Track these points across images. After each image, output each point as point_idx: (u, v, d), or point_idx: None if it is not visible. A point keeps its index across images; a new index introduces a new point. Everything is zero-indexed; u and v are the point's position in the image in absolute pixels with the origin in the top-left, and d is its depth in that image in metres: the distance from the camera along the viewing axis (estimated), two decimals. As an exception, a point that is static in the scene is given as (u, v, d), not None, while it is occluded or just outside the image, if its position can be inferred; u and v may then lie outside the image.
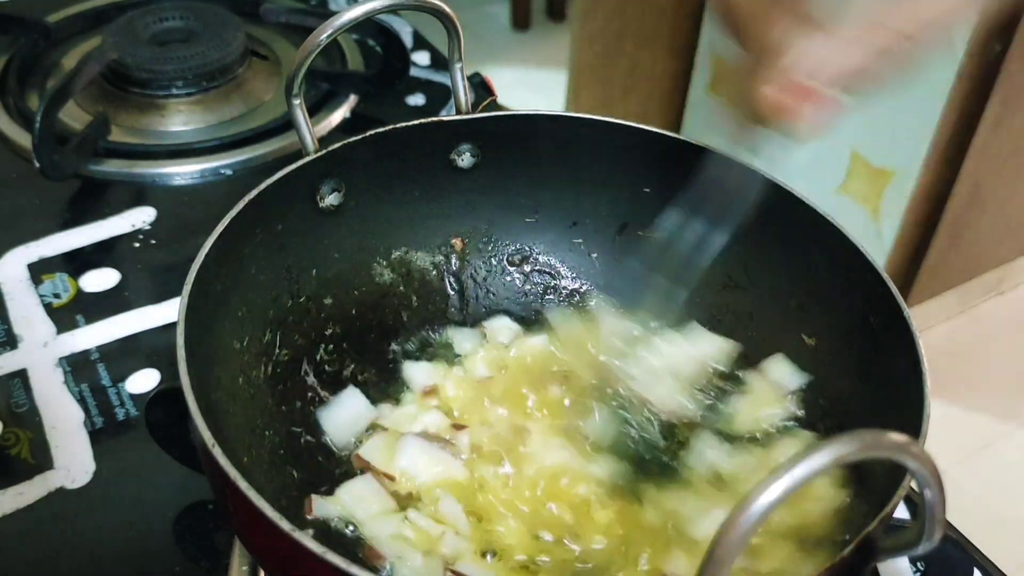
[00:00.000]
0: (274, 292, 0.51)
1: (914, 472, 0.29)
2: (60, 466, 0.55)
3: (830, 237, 0.48)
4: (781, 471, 0.26)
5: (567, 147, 0.55)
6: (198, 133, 0.81)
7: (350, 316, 0.55)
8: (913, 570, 0.53)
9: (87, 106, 0.81)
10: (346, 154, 0.51)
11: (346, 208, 0.53)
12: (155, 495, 0.54)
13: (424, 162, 0.55)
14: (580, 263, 0.59)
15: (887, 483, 0.37)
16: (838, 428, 0.49)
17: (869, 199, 1.60)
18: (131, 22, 0.84)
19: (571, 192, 0.57)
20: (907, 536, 0.33)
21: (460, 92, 0.54)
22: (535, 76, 2.50)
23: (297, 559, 0.34)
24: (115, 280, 0.68)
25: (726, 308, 0.55)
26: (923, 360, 0.41)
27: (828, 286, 0.50)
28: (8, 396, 0.59)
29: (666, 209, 0.49)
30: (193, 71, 0.82)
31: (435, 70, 0.91)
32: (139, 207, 0.74)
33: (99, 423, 0.58)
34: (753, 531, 0.26)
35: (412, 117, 0.53)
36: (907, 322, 0.43)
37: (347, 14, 0.47)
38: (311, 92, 0.84)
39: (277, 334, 0.51)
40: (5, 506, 0.53)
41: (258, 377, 0.49)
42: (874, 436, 0.28)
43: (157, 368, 0.61)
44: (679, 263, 0.49)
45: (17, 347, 0.62)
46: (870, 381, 0.47)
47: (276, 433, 0.48)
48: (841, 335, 0.49)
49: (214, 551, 0.51)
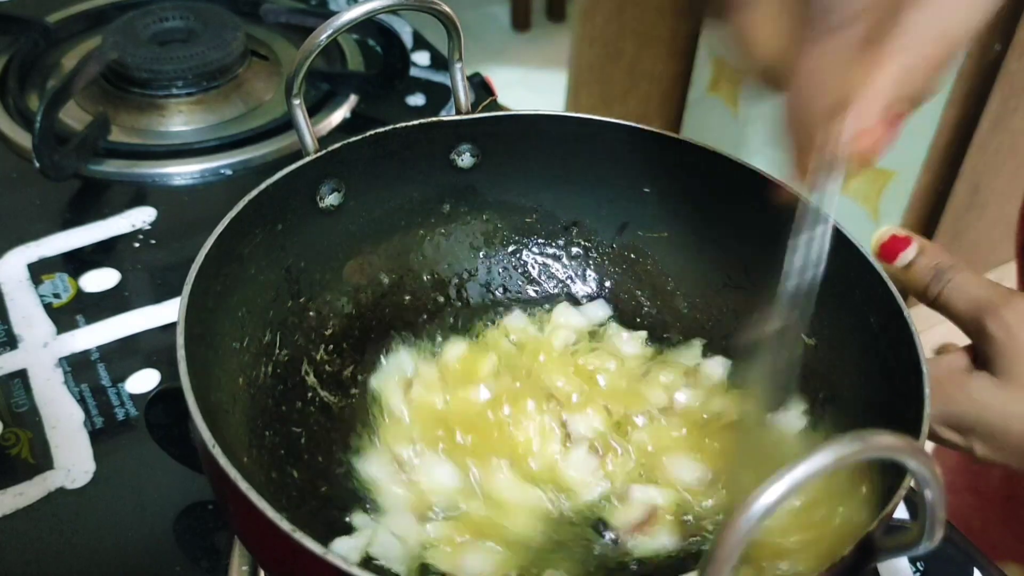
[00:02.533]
0: (274, 292, 0.51)
1: (914, 472, 0.29)
2: (60, 466, 0.55)
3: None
4: (782, 472, 0.27)
5: (567, 147, 0.55)
6: (198, 133, 0.81)
7: (350, 316, 0.55)
8: (913, 570, 0.53)
9: (87, 106, 0.81)
10: (346, 154, 0.51)
11: (346, 208, 0.53)
12: (155, 495, 0.54)
13: (424, 162, 0.55)
14: (580, 263, 0.59)
15: (887, 483, 0.37)
16: (838, 428, 0.49)
17: (869, 199, 1.60)
18: (131, 22, 0.84)
19: (571, 192, 0.57)
20: (907, 536, 0.33)
21: (460, 92, 0.54)
22: (535, 76, 2.50)
23: (297, 559, 0.34)
24: (115, 280, 0.68)
25: (726, 308, 0.55)
26: (923, 360, 0.41)
27: (828, 286, 0.50)
28: (8, 396, 0.59)
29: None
30: (193, 71, 0.82)
31: (435, 70, 0.91)
32: (139, 207, 0.74)
33: (99, 423, 0.58)
34: (753, 532, 0.26)
35: (412, 117, 0.53)
36: (907, 322, 0.43)
37: (347, 14, 0.47)
38: (311, 92, 0.84)
39: (277, 334, 0.51)
40: (5, 506, 0.53)
41: (258, 377, 0.49)
42: (874, 436, 0.28)
43: (157, 368, 0.61)
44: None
45: (17, 347, 0.62)
46: (870, 381, 0.47)
47: (276, 433, 0.48)
48: (841, 335, 0.49)
49: (214, 551, 0.51)
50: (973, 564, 0.53)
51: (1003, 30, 1.40)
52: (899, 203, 1.61)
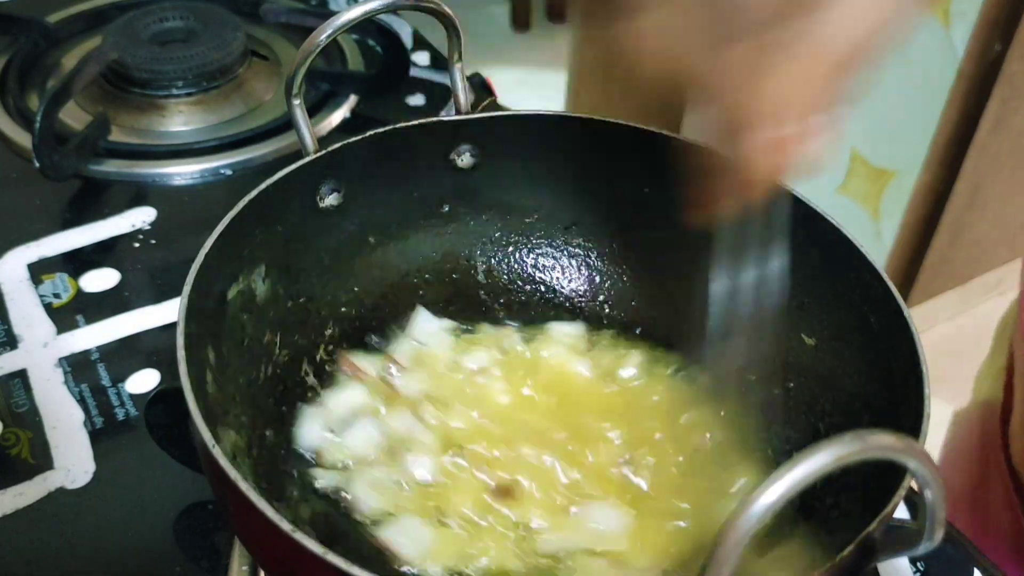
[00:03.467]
0: (274, 292, 0.51)
1: (914, 472, 0.29)
2: (60, 466, 0.55)
3: (830, 237, 0.48)
4: (782, 472, 0.27)
5: (567, 147, 0.55)
6: (198, 133, 0.81)
7: (350, 316, 0.55)
8: (913, 570, 0.53)
9: (87, 106, 0.81)
10: (346, 154, 0.51)
11: (346, 208, 0.53)
12: (155, 495, 0.54)
13: (424, 162, 0.55)
14: (580, 264, 0.59)
15: (887, 483, 0.37)
16: (838, 428, 0.49)
17: (869, 199, 1.60)
18: (131, 22, 0.84)
19: (571, 192, 0.57)
20: (907, 536, 0.33)
21: (460, 92, 0.54)
22: (535, 76, 2.49)
23: (297, 559, 0.34)
24: (115, 280, 0.68)
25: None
26: (923, 360, 0.41)
27: (828, 286, 0.50)
28: (8, 396, 0.59)
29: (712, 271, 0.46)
30: (193, 71, 0.82)
31: (435, 70, 0.91)
32: (139, 207, 0.74)
33: (99, 423, 0.58)
34: (754, 531, 0.26)
35: (412, 117, 0.53)
36: (907, 322, 0.43)
37: (347, 14, 0.47)
38: (311, 92, 0.84)
39: (277, 334, 0.51)
40: (5, 506, 0.53)
41: (258, 377, 0.49)
42: (874, 436, 0.28)
43: (157, 368, 0.61)
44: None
45: (17, 347, 0.62)
46: (870, 381, 0.47)
47: (276, 433, 0.48)
48: (841, 335, 0.49)
49: (214, 551, 0.51)
50: (973, 564, 0.53)
51: (1003, 30, 1.40)
52: (899, 203, 1.61)
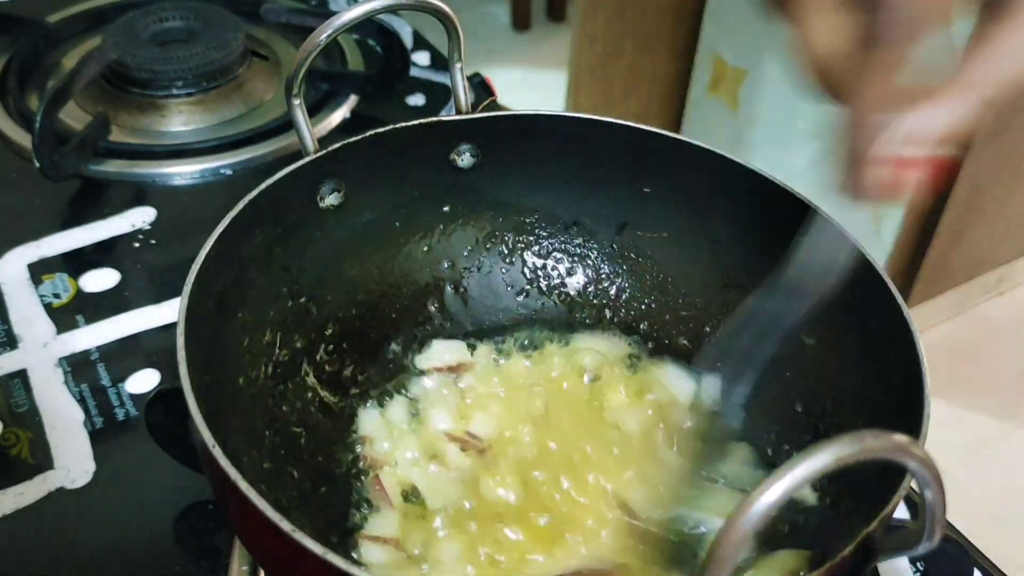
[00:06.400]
0: (274, 292, 0.51)
1: (914, 472, 0.29)
2: (60, 466, 0.55)
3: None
4: (782, 471, 0.27)
5: (567, 147, 0.55)
6: (198, 133, 0.81)
7: (350, 316, 0.55)
8: (913, 570, 0.53)
9: (87, 106, 0.81)
10: (346, 154, 0.51)
11: (346, 208, 0.53)
12: (155, 495, 0.54)
13: (424, 162, 0.55)
14: (580, 263, 0.59)
15: (887, 483, 0.37)
16: (838, 428, 0.49)
17: (869, 199, 1.60)
18: (131, 22, 0.84)
19: (571, 192, 0.57)
20: (907, 536, 0.33)
21: (460, 92, 0.54)
22: (535, 76, 2.50)
23: (297, 559, 0.34)
24: (115, 280, 0.68)
25: (726, 308, 0.55)
26: (923, 360, 0.41)
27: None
28: (8, 396, 0.59)
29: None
30: (193, 71, 0.82)
31: (435, 70, 0.91)
32: (139, 207, 0.74)
33: (99, 423, 0.58)
34: (754, 531, 0.26)
35: (412, 117, 0.53)
36: (907, 322, 0.43)
37: (347, 14, 0.47)
38: (311, 92, 0.84)
39: (277, 334, 0.51)
40: (5, 506, 0.53)
41: (258, 377, 0.49)
42: (874, 436, 0.28)
43: (157, 368, 0.61)
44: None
45: (17, 347, 0.62)
46: (870, 381, 0.47)
47: (276, 433, 0.48)
48: (841, 335, 0.49)
49: (214, 551, 0.51)
50: (973, 564, 0.53)
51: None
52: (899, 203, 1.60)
